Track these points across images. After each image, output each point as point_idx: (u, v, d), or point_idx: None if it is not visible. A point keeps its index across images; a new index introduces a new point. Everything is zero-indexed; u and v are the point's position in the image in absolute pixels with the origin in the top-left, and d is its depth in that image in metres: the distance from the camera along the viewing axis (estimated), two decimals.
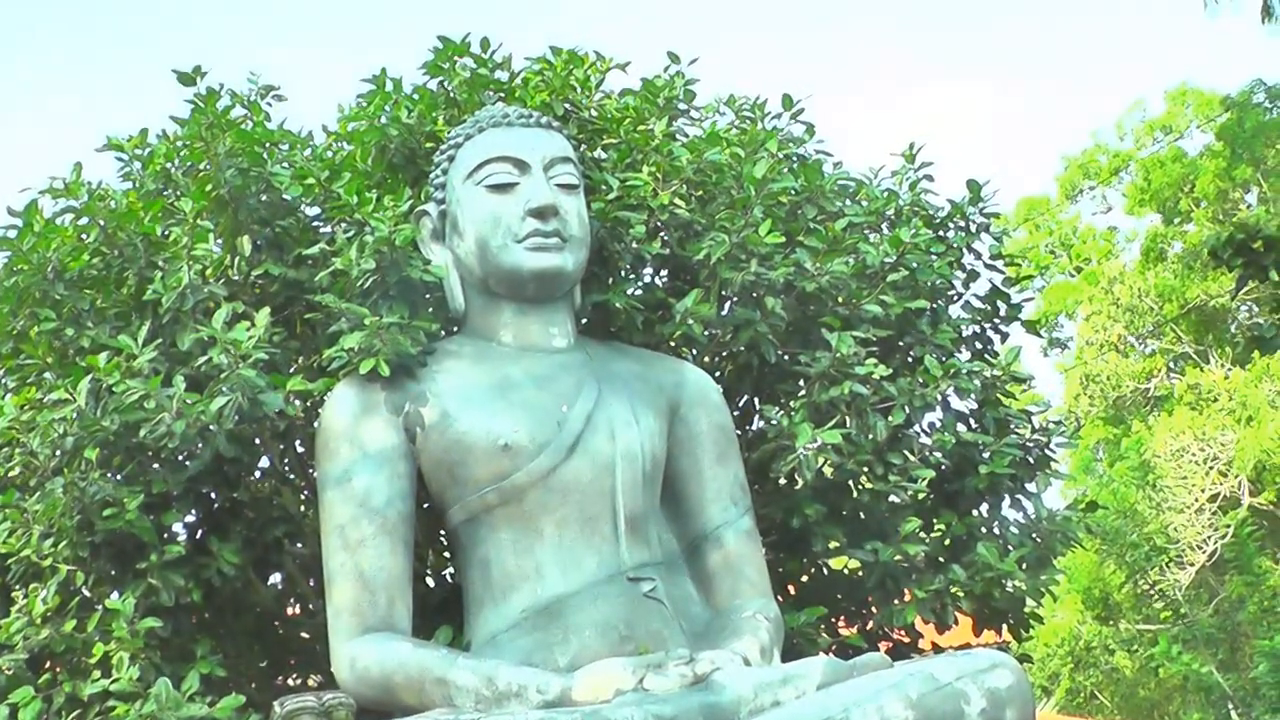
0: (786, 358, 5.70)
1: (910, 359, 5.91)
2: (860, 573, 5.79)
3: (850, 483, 5.64)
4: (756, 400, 6.13)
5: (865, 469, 5.49)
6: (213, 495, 5.48)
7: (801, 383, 5.67)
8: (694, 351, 5.87)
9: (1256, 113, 26.58)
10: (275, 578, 5.75)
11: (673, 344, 5.76)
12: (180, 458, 5.16)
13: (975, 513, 5.92)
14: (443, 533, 5.43)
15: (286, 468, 5.64)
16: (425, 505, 5.21)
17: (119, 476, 5.09)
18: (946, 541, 5.77)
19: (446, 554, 5.71)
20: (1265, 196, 26.71)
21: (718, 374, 5.90)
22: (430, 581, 5.81)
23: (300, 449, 5.66)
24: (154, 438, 4.80)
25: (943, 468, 5.72)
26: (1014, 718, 4.35)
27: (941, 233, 6.23)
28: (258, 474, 5.62)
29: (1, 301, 5.44)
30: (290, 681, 5.90)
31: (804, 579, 6.10)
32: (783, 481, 5.64)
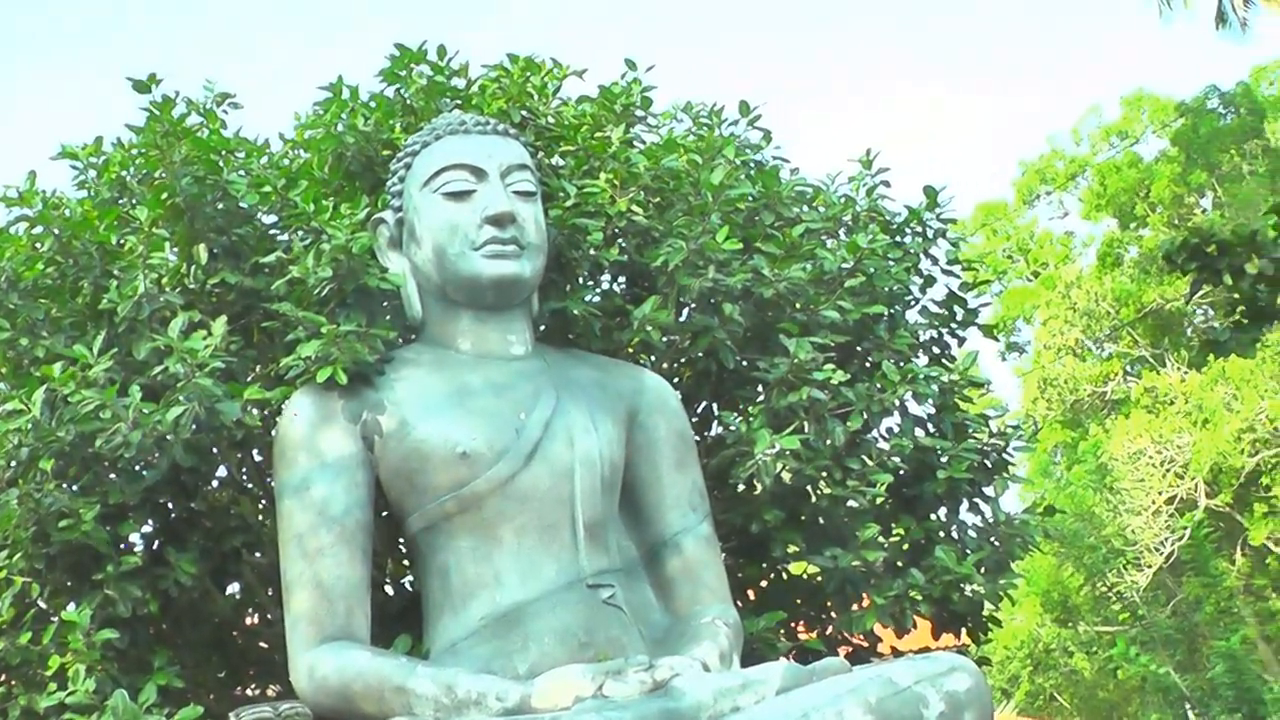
0: (745, 364, 5.71)
1: (868, 364, 5.93)
2: (819, 578, 5.81)
3: (809, 488, 5.66)
4: (715, 406, 6.13)
5: (824, 474, 5.50)
6: (170, 505, 5.45)
7: (760, 388, 5.69)
8: (652, 358, 5.87)
9: (1211, 118, 26.93)
10: (233, 587, 5.71)
11: (631, 350, 5.77)
12: (137, 468, 5.14)
13: (933, 517, 5.94)
14: (402, 541, 5.42)
15: (244, 477, 5.60)
16: (384, 513, 5.20)
17: (75, 487, 5.06)
18: (905, 546, 5.79)
19: (405, 562, 5.69)
20: (1220, 201, 26.99)
21: (676, 380, 5.90)
22: (389, 590, 5.79)
23: (258, 458, 5.62)
24: (110, 448, 4.77)
25: (901, 472, 5.74)
26: None
27: (899, 238, 6.26)
28: (215, 483, 5.58)
29: None
30: (249, 692, 5.87)
31: (763, 584, 6.11)
32: (741, 487, 5.65)
